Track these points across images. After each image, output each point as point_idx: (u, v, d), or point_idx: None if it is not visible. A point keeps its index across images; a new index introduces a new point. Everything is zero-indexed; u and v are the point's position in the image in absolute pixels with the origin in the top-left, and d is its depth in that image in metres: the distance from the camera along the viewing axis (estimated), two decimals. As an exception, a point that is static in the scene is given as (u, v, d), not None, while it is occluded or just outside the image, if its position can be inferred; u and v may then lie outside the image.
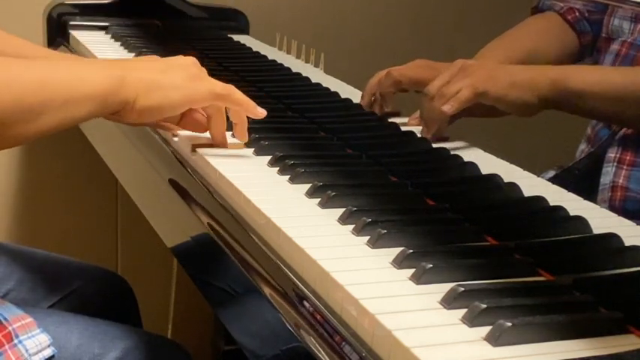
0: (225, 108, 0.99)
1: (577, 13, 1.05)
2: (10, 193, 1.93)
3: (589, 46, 1.04)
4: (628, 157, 0.95)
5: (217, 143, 0.99)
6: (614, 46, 1.00)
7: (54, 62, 0.98)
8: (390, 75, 1.13)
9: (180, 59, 0.98)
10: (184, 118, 0.99)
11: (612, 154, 0.97)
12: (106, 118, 0.95)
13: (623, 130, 0.97)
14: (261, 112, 0.99)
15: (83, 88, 0.87)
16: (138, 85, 0.91)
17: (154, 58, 1.00)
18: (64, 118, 0.86)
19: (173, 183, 1.00)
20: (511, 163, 0.99)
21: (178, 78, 0.94)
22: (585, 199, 0.90)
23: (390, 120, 1.14)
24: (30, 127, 0.83)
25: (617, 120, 0.96)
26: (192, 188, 0.95)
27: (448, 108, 0.99)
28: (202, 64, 1.00)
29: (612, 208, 0.90)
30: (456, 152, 0.99)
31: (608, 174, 0.96)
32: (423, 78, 1.08)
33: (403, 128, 1.09)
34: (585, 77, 0.96)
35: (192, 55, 1.00)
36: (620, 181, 0.95)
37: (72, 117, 0.87)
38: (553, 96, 0.95)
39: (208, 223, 0.89)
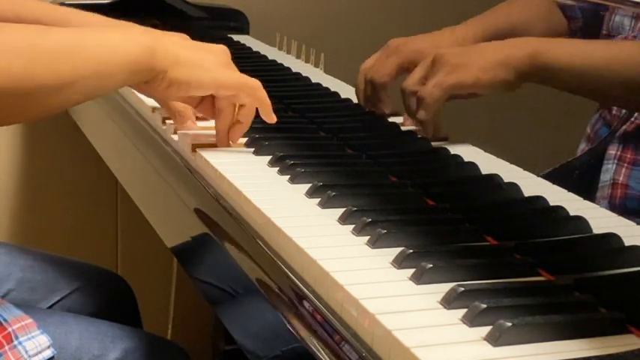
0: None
1: None
2: (10, 193, 1.93)
3: (578, 32, 1.03)
4: (629, 155, 0.95)
5: (220, 138, 0.99)
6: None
7: (83, 30, 0.94)
8: (389, 47, 1.12)
9: (211, 45, 0.96)
10: (203, 103, 0.98)
11: (613, 150, 0.96)
12: (133, 88, 0.94)
13: (623, 127, 0.96)
14: (273, 118, 0.98)
15: (113, 58, 0.86)
16: (168, 57, 0.90)
17: (184, 36, 0.99)
18: (95, 87, 0.85)
19: (173, 184, 1.00)
20: (511, 163, 0.99)
21: (209, 61, 0.93)
22: (585, 196, 0.89)
23: (390, 120, 1.14)
24: (62, 96, 0.82)
25: (598, 96, 0.94)
26: (192, 188, 0.95)
27: (422, 115, 1.00)
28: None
29: (612, 206, 0.90)
30: (456, 152, 0.99)
31: (608, 171, 0.96)
32: (422, 48, 1.07)
33: (403, 128, 1.09)
34: (564, 51, 0.93)
35: None
36: (621, 179, 0.95)
37: (102, 86, 0.86)
38: (531, 70, 0.93)
39: (208, 223, 0.89)
